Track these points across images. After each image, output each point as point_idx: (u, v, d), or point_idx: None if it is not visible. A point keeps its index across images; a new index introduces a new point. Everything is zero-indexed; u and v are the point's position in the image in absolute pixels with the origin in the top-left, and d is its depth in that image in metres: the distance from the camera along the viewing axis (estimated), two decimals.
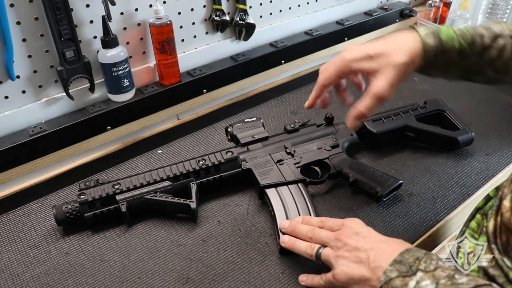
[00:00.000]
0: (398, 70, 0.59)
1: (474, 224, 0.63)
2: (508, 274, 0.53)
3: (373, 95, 0.61)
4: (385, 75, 0.60)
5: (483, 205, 0.64)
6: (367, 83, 0.64)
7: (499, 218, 0.57)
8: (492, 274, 0.54)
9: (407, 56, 0.59)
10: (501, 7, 1.19)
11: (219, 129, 0.97)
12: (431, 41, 0.60)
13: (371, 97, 0.61)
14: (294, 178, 0.75)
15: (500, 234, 0.56)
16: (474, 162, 0.85)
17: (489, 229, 0.57)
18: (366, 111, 0.62)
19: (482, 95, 1.06)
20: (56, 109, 0.84)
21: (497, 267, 0.55)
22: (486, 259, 0.57)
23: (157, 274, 0.65)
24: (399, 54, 0.59)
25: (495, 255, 0.55)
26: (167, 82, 0.92)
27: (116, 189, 0.71)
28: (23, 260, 0.67)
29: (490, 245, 0.56)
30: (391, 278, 0.50)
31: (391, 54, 0.60)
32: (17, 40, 0.74)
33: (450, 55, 0.61)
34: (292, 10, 1.11)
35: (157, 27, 0.84)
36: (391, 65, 0.59)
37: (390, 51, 0.60)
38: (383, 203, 0.76)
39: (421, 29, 0.61)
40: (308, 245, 0.61)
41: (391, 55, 0.60)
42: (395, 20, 1.29)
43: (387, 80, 0.60)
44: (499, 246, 0.55)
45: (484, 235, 0.59)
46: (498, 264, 0.54)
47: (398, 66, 0.59)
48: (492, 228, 0.57)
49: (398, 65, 0.59)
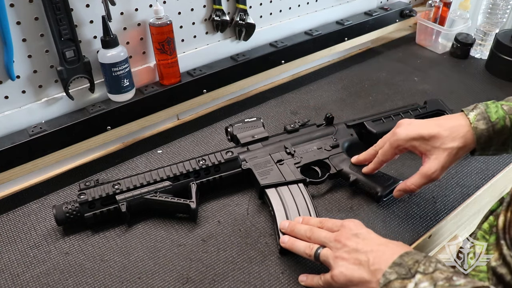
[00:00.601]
0: (450, 154, 0.63)
1: (486, 226, 0.63)
2: None
3: (424, 175, 0.64)
4: (437, 158, 0.63)
5: (496, 208, 0.64)
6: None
7: (509, 214, 0.57)
8: (500, 273, 0.55)
9: (460, 141, 0.62)
10: (501, 7, 1.18)
11: (219, 129, 0.97)
12: (482, 126, 0.62)
13: (422, 176, 0.65)
14: (294, 178, 0.75)
15: (509, 229, 0.56)
16: (474, 162, 0.85)
17: (499, 225, 0.57)
18: (414, 188, 0.66)
19: (482, 95, 1.06)
20: (56, 109, 0.83)
21: (504, 265, 0.55)
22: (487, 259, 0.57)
23: (157, 274, 0.65)
24: (452, 139, 0.62)
25: (504, 251, 0.55)
26: (167, 82, 0.92)
27: (116, 189, 0.71)
28: (23, 260, 0.67)
29: (499, 241, 0.56)
30: (390, 280, 0.50)
31: (444, 138, 0.63)
32: (17, 40, 0.74)
33: (503, 133, 0.62)
34: (292, 10, 1.11)
35: (157, 27, 0.84)
36: (444, 149, 0.62)
37: (444, 135, 0.63)
38: (383, 203, 0.76)
39: (471, 114, 0.63)
40: (307, 245, 0.61)
41: (445, 139, 0.63)
42: (395, 20, 1.29)
43: (439, 163, 0.63)
44: (507, 241, 0.55)
45: (494, 235, 0.59)
46: (505, 261, 0.54)
47: (450, 150, 0.62)
48: (502, 224, 0.57)
49: (450, 149, 0.62)
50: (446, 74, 1.17)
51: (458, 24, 1.26)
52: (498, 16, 1.20)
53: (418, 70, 1.19)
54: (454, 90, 1.08)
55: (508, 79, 1.12)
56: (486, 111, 0.63)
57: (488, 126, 0.62)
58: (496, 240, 0.58)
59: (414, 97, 1.06)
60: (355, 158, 0.77)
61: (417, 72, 1.18)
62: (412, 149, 0.67)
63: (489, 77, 1.14)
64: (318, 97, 1.08)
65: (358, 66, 1.22)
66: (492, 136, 0.62)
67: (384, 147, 0.70)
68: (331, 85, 1.13)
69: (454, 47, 1.23)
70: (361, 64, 1.23)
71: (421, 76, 1.16)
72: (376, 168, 0.74)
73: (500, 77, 1.13)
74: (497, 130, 0.62)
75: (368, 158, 0.75)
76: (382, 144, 0.71)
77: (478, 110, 0.63)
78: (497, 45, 1.13)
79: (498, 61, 1.13)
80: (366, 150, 0.76)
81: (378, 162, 0.72)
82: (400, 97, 1.07)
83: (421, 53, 1.28)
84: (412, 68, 1.20)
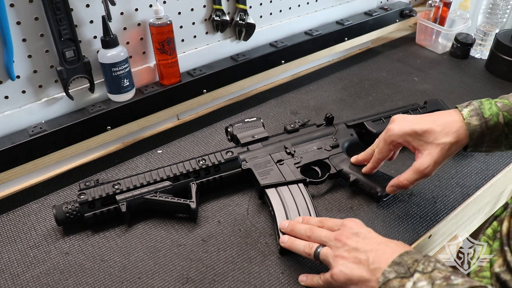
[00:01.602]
0: (443, 149, 0.62)
1: (489, 231, 0.63)
2: None
3: (417, 170, 0.64)
4: (430, 153, 0.63)
5: (500, 213, 0.64)
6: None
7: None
8: (504, 279, 0.54)
9: (453, 136, 0.62)
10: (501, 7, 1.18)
11: (219, 129, 0.97)
12: (475, 122, 0.62)
13: (415, 172, 0.64)
14: (294, 178, 0.75)
15: None
16: (474, 162, 0.85)
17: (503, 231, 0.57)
18: (407, 184, 0.66)
19: (482, 95, 1.05)
20: (56, 109, 0.83)
21: (508, 271, 0.54)
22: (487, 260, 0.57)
23: (157, 274, 0.65)
24: (445, 134, 0.62)
25: (508, 257, 0.55)
26: (167, 82, 0.92)
27: (116, 189, 0.71)
28: (23, 260, 0.67)
29: (503, 247, 0.56)
30: (389, 279, 0.50)
31: (437, 134, 0.63)
32: (17, 40, 0.74)
33: (496, 129, 0.62)
34: (292, 10, 1.11)
35: (157, 27, 0.84)
36: (437, 144, 0.62)
37: (437, 130, 0.63)
38: (383, 203, 0.76)
39: (465, 110, 0.63)
40: (307, 244, 0.61)
41: (438, 134, 0.63)
42: (395, 20, 1.29)
43: (432, 158, 0.63)
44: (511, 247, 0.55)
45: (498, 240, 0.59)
46: (509, 268, 0.54)
47: (443, 145, 0.62)
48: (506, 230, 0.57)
49: (443, 144, 0.62)
50: (446, 74, 1.17)
51: (458, 24, 1.26)
52: (498, 16, 1.20)
53: (418, 70, 1.19)
54: (454, 90, 1.08)
55: (508, 79, 1.12)
56: (479, 108, 0.63)
57: (481, 122, 0.62)
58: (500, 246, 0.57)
59: (414, 97, 1.06)
60: (355, 158, 0.78)
61: (417, 72, 1.18)
62: (406, 144, 0.67)
63: (489, 77, 1.14)
64: (318, 97, 1.08)
65: (358, 66, 1.23)
66: (485, 132, 0.62)
67: (379, 144, 0.70)
68: (331, 85, 1.13)
69: (454, 47, 1.23)
70: (361, 64, 1.24)
71: (421, 76, 1.16)
72: (374, 167, 0.74)
73: (500, 77, 1.13)
74: (490, 127, 0.62)
75: (367, 157, 0.75)
76: (378, 142, 0.71)
77: (472, 107, 0.63)
78: (497, 45, 1.13)
79: (498, 61, 1.13)
80: (364, 151, 0.76)
81: (375, 160, 0.72)
82: (400, 97, 1.07)
83: (421, 53, 1.28)
84: (412, 68, 1.20)
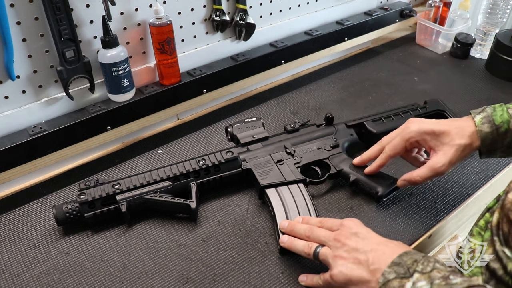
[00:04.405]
0: (458, 150, 0.66)
1: (482, 222, 0.64)
2: (507, 265, 0.53)
3: (432, 168, 0.66)
4: (445, 153, 0.66)
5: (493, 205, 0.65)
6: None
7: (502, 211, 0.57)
8: (492, 268, 0.55)
9: (467, 139, 0.65)
10: (501, 7, 1.18)
11: (219, 129, 0.97)
12: (486, 129, 0.65)
13: (429, 169, 0.67)
14: (294, 178, 0.75)
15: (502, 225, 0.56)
16: (474, 162, 0.85)
17: (493, 222, 0.58)
18: (419, 180, 0.68)
19: (482, 95, 1.06)
20: (56, 109, 0.83)
21: (497, 260, 0.55)
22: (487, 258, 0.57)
23: (157, 274, 0.65)
24: (460, 137, 0.66)
25: (496, 247, 0.56)
26: (167, 82, 0.92)
27: (116, 189, 0.71)
28: (23, 260, 0.67)
29: (492, 237, 0.57)
30: (389, 280, 0.50)
31: (453, 135, 0.66)
32: (17, 40, 0.74)
33: (507, 136, 0.65)
34: (292, 10, 1.11)
35: (157, 27, 0.84)
36: (452, 145, 0.66)
37: (453, 133, 0.66)
38: (383, 203, 0.76)
39: (477, 116, 0.66)
40: (306, 244, 0.61)
41: (453, 136, 0.66)
42: (395, 20, 1.29)
43: (447, 157, 0.65)
44: (500, 237, 0.56)
45: (489, 231, 0.60)
46: (498, 257, 0.55)
47: (458, 146, 0.65)
48: (496, 220, 0.58)
49: (458, 146, 0.65)
50: (446, 74, 1.17)
51: (458, 24, 1.26)
52: (498, 16, 1.20)
53: (418, 70, 1.19)
54: (454, 90, 1.08)
55: (508, 79, 1.12)
56: (492, 115, 0.65)
57: (492, 129, 0.64)
58: (490, 236, 0.58)
59: (414, 97, 1.05)
60: (358, 159, 0.77)
61: (417, 72, 1.18)
62: (422, 143, 0.69)
63: (489, 77, 1.14)
64: (318, 97, 1.08)
65: (358, 66, 1.23)
66: (496, 139, 0.64)
67: (394, 141, 0.71)
68: (331, 85, 1.13)
69: (454, 47, 1.23)
70: (361, 64, 1.24)
71: (421, 76, 1.16)
72: (381, 165, 0.74)
73: (500, 77, 1.13)
74: (501, 133, 0.64)
75: (373, 155, 0.75)
76: (390, 139, 0.72)
77: (485, 114, 0.66)
78: (497, 45, 1.13)
79: (498, 61, 1.13)
80: (369, 149, 0.76)
81: (385, 157, 0.72)
82: (400, 97, 1.07)
83: (421, 53, 1.28)
84: (412, 68, 1.20)
